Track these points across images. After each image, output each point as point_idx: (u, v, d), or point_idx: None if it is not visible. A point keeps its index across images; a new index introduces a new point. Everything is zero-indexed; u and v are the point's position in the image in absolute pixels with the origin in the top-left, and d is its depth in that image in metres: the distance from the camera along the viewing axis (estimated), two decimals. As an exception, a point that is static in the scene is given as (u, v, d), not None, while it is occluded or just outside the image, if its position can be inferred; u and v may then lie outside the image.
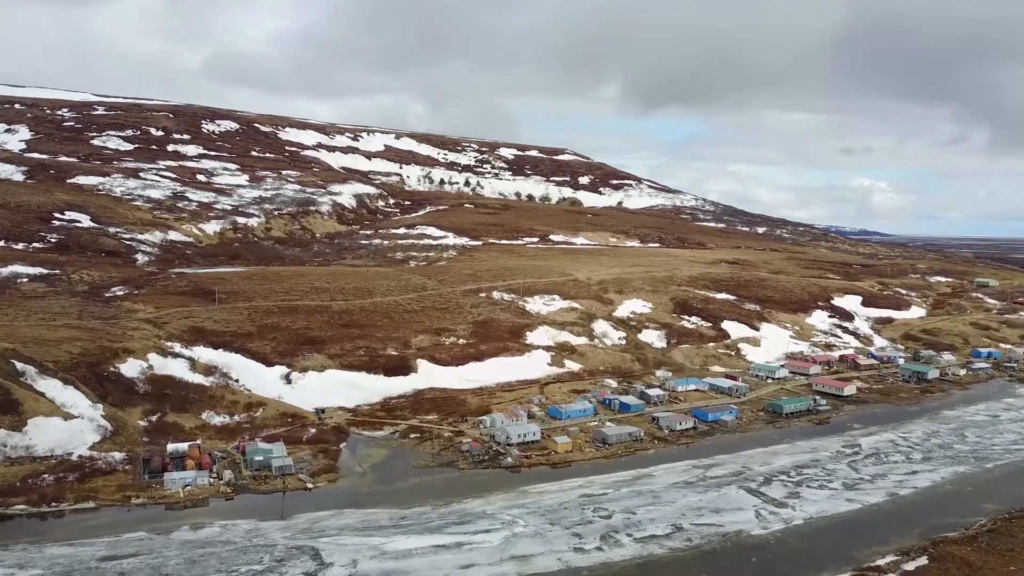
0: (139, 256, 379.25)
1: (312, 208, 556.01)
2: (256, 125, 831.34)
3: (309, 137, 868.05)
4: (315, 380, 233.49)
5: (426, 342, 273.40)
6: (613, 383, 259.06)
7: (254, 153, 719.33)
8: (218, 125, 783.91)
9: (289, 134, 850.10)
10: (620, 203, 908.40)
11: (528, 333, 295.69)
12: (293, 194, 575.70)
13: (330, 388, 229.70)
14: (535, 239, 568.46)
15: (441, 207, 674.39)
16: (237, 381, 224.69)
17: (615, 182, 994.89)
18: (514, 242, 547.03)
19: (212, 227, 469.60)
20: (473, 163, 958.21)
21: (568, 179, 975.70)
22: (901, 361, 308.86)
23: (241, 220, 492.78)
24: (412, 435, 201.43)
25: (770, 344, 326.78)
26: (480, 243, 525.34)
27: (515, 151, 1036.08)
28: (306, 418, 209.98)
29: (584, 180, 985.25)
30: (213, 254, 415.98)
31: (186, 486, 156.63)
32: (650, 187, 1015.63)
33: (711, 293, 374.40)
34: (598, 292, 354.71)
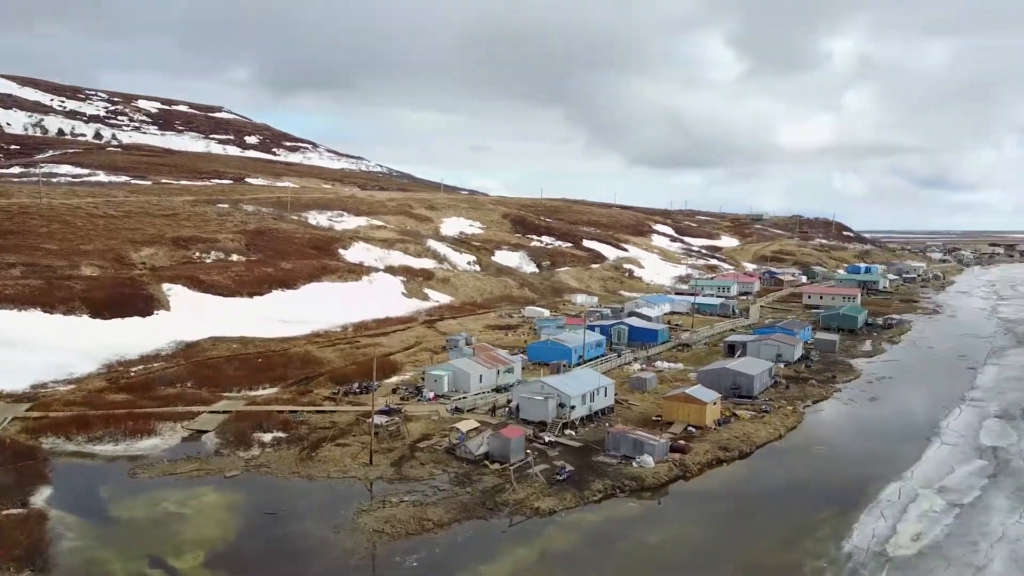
0: None
1: None
2: None
3: None
4: None
5: (164, 258, 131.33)
6: (546, 312, 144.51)
7: None
8: None
9: None
10: (301, 164, 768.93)
11: (342, 251, 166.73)
12: None
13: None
14: (228, 181, 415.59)
15: (73, 150, 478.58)
16: None
17: (289, 144, 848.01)
18: (202, 183, 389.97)
19: None
20: (104, 114, 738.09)
21: (232, 138, 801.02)
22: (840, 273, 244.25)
23: None
24: (261, 435, 67.62)
25: (650, 264, 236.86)
26: (151, 183, 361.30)
27: (159, 104, 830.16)
28: None
29: (252, 140, 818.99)
30: None
31: None
32: (329, 152, 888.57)
33: (532, 218, 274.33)
34: (401, 208, 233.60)
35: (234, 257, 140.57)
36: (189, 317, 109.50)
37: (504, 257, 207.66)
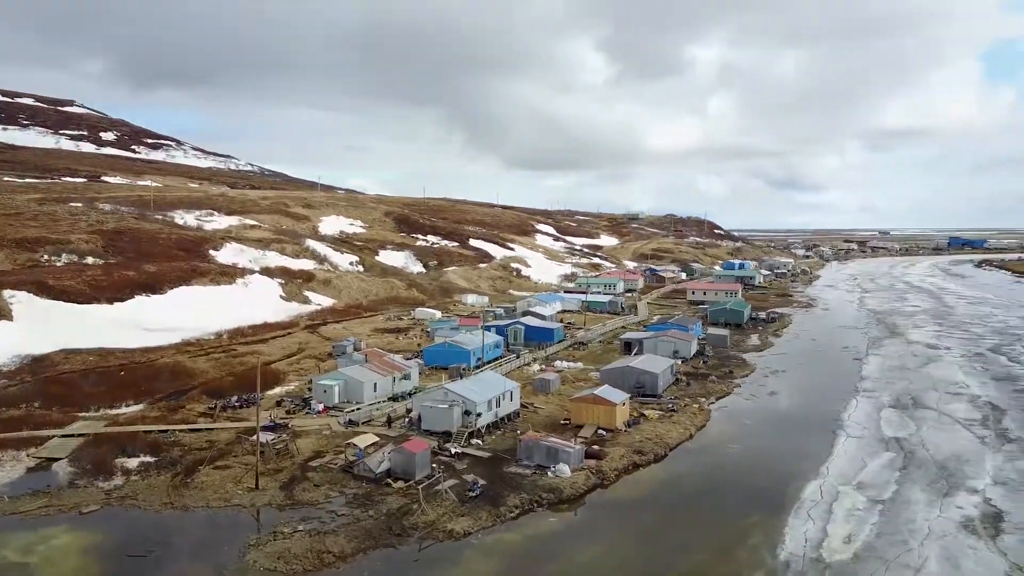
0: None
1: None
2: None
3: None
4: None
5: (5, 262, 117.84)
6: (438, 313, 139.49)
7: None
8: None
9: None
10: (165, 161, 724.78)
11: (213, 252, 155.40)
12: None
13: None
14: (82, 179, 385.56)
15: None
16: None
17: (151, 141, 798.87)
18: (51, 180, 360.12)
19: None
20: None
21: (86, 134, 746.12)
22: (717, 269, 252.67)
23: None
24: (124, 461, 59.18)
25: (537, 263, 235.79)
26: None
27: (0, 96, 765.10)
28: None
29: (109, 136, 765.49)
30: None
31: None
32: (195, 150, 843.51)
33: (416, 216, 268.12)
34: (276, 207, 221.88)
35: (89, 260, 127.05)
36: (36, 327, 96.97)
37: (389, 257, 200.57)
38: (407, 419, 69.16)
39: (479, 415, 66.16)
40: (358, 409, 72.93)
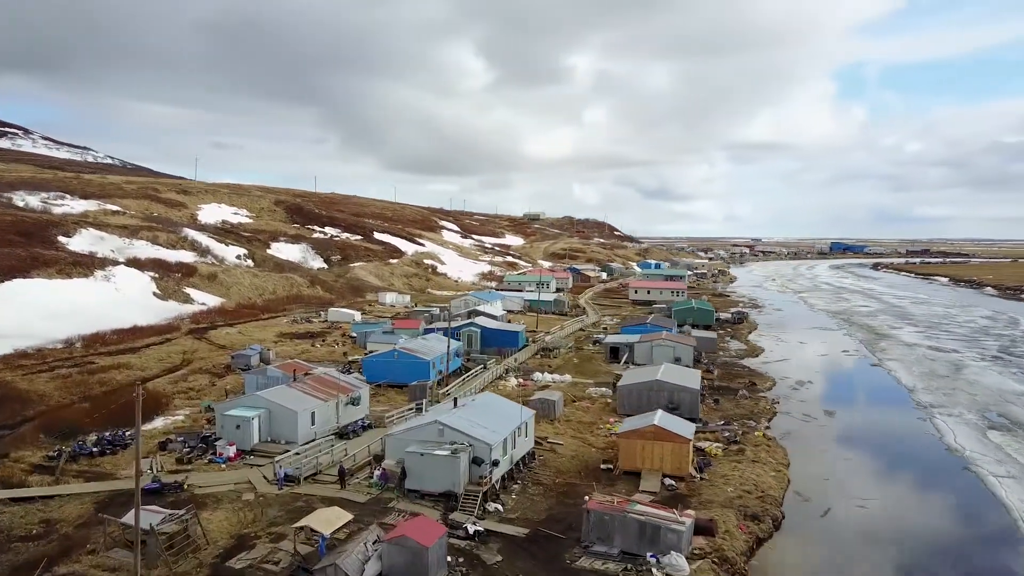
0: None
1: None
2: None
3: None
4: None
5: None
6: (357, 315, 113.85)
7: None
8: None
9: None
10: (10, 149, 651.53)
11: (63, 239, 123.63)
12: None
13: None
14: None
15: None
16: None
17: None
18: None
19: None
20: None
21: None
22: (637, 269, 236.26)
23: None
24: None
25: (451, 261, 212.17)
26: None
27: None
28: None
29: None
30: None
31: None
32: (46, 139, 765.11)
33: (311, 206, 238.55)
34: (144, 191, 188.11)
35: None
36: None
37: (283, 250, 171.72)
38: (379, 471, 44.20)
39: (495, 464, 42.45)
40: (297, 454, 47.32)
